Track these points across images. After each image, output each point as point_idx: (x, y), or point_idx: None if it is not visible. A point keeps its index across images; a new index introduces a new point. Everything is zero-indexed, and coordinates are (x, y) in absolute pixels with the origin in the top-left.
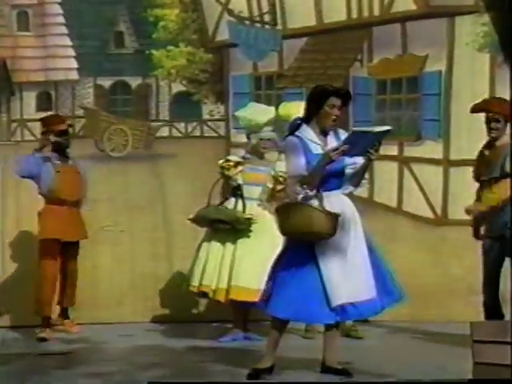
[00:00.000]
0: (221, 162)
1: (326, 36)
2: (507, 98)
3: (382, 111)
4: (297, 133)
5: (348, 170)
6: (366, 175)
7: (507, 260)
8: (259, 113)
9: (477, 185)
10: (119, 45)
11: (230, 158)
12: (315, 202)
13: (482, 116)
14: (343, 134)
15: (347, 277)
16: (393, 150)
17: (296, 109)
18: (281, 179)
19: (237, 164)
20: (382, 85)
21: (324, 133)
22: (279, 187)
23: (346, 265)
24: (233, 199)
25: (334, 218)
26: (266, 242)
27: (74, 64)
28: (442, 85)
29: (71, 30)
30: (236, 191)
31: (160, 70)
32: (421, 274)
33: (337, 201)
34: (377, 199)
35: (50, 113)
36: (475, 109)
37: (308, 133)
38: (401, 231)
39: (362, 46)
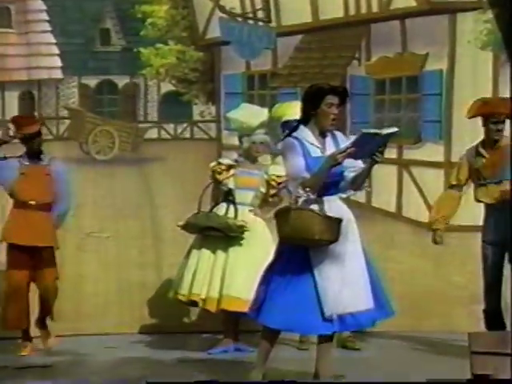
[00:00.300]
0: (212, 165)
1: (322, 33)
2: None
3: (381, 112)
4: (295, 134)
5: (348, 173)
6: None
7: (507, 266)
8: (251, 115)
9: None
10: (105, 42)
11: (221, 161)
12: (316, 207)
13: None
14: (341, 137)
15: (346, 285)
16: (392, 153)
17: (291, 109)
18: (274, 183)
19: (229, 167)
20: (381, 84)
21: (323, 134)
22: (272, 191)
23: (344, 273)
24: (224, 204)
25: (336, 223)
26: (258, 250)
27: (58, 62)
28: (443, 84)
29: (55, 27)
30: (227, 196)
31: (148, 68)
32: (421, 283)
33: (335, 206)
34: (375, 204)
35: (16, 114)
36: (478, 112)
37: (307, 134)
38: (400, 237)
39: (359, 44)
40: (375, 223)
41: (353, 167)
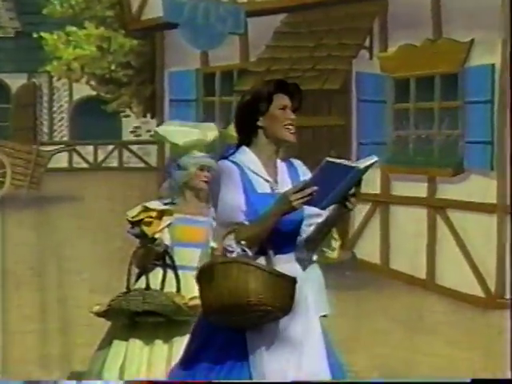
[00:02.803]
0: (135, 213)
1: (314, 12)
2: None
3: (403, 128)
4: (233, 158)
5: (308, 226)
6: (335, 236)
7: None
8: (190, 127)
9: None
10: None
11: (149, 205)
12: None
13: None
14: (301, 168)
15: None
16: (419, 189)
17: None
18: None
19: (161, 214)
20: (403, 86)
21: (274, 162)
22: None
23: (297, 365)
24: (159, 270)
25: (289, 283)
26: None
27: None
28: (495, 87)
29: None
30: (163, 258)
31: (55, 62)
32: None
33: (288, 269)
34: (395, 266)
35: None
36: None
37: (250, 160)
38: (433, 317)
39: (371, 27)
40: (396, 294)
41: (317, 215)
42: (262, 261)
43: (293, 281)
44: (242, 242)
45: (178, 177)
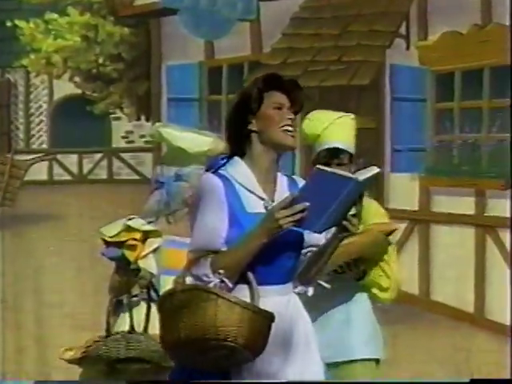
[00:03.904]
0: (114, 232)
1: None
2: None
3: (446, 131)
4: (221, 171)
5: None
6: (388, 273)
7: None
8: (201, 133)
9: None
10: None
11: (132, 224)
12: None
13: None
14: (302, 184)
15: None
16: (465, 205)
17: (342, 128)
18: None
19: (145, 236)
20: (446, 82)
21: (270, 176)
22: None
23: None
24: (142, 304)
25: (262, 319)
26: None
27: None
28: None
29: None
30: (147, 288)
31: (33, 55)
32: None
33: (278, 303)
34: (437, 297)
35: None
36: None
37: (242, 172)
38: (481, 357)
39: (408, 11)
40: (437, 331)
41: (316, 244)
42: (243, 290)
43: (268, 317)
44: (220, 271)
45: (176, 189)
